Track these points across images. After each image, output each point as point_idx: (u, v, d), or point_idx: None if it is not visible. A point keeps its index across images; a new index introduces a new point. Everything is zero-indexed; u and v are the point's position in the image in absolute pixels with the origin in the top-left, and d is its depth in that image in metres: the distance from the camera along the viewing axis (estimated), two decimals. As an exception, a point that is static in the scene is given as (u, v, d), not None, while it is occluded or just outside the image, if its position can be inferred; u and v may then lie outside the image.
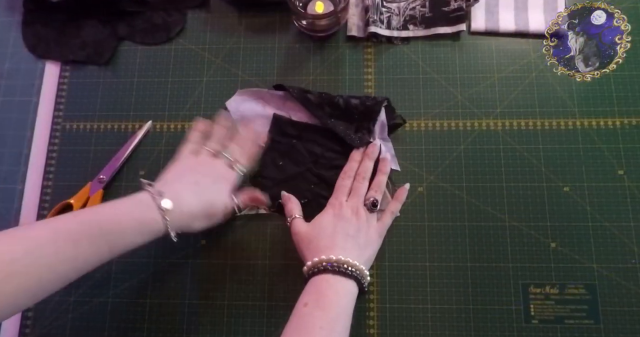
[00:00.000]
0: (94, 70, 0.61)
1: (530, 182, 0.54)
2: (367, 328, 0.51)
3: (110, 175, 0.56)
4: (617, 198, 0.53)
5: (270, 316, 0.52)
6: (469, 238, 0.53)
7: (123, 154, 0.56)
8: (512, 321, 0.50)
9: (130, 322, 0.53)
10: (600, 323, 0.50)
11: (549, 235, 0.52)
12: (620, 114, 0.55)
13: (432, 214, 0.54)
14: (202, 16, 0.62)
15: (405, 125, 0.56)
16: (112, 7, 0.61)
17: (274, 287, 0.53)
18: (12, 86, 0.61)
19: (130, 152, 0.57)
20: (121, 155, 0.56)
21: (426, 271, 0.52)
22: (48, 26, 0.62)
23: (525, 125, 0.56)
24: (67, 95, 0.60)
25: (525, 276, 0.51)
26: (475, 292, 0.51)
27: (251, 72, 0.60)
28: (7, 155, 0.59)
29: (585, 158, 0.54)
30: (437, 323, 0.51)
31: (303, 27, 0.59)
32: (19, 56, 0.62)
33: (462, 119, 0.56)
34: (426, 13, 0.59)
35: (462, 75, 0.58)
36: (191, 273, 0.54)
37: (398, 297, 0.52)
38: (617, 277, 0.51)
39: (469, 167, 0.55)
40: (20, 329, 0.53)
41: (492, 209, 0.53)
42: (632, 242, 0.52)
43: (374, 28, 0.57)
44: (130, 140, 0.57)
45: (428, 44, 0.59)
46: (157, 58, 0.61)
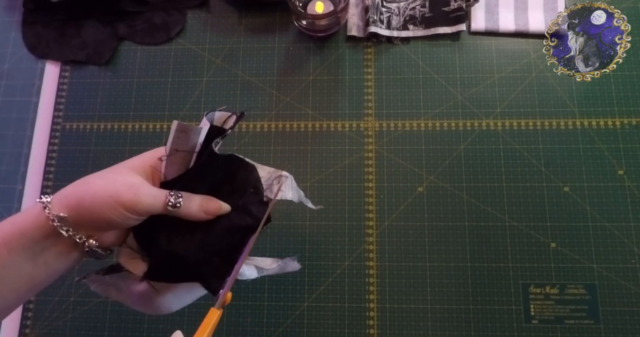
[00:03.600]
0: (94, 70, 0.61)
1: (530, 182, 0.54)
2: (367, 328, 0.51)
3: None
4: (617, 198, 0.53)
5: (270, 316, 0.52)
6: (469, 238, 0.53)
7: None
8: (512, 321, 0.50)
9: (130, 322, 0.53)
10: (600, 323, 0.50)
11: (549, 235, 0.52)
12: (620, 114, 0.55)
13: (432, 214, 0.54)
14: (202, 16, 0.62)
15: (405, 125, 0.56)
16: (112, 7, 0.61)
17: (274, 287, 0.53)
18: (12, 86, 0.61)
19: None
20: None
21: (426, 271, 0.52)
22: (48, 26, 0.62)
23: (525, 125, 0.56)
24: (67, 95, 0.60)
25: (525, 276, 0.51)
26: (475, 292, 0.51)
27: (251, 72, 0.60)
28: (7, 155, 0.59)
29: (585, 158, 0.54)
30: (437, 323, 0.51)
31: (303, 27, 0.59)
32: (19, 56, 0.62)
33: (462, 119, 0.56)
34: (426, 13, 0.59)
35: (462, 75, 0.58)
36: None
37: (398, 297, 0.52)
38: (617, 277, 0.51)
39: (469, 167, 0.55)
40: (20, 329, 0.53)
41: (492, 209, 0.53)
42: (632, 242, 0.52)
43: (374, 28, 0.57)
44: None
45: (428, 44, 0.59)
46: (157, 58, 0.61)
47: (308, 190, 0.55)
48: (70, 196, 0.32)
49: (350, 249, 0.53)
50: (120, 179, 0.32)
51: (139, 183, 0.32)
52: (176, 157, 0.34)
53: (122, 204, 0.31)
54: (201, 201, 0.34)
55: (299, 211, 0.55)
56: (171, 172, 0.34)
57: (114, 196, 0.31)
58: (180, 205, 0.33)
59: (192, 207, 0.34)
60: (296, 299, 0.52)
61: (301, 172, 0.56)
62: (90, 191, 0.32)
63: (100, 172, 0.33)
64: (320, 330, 0.51)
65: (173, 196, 0.33)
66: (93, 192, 0.31)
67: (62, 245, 0.32)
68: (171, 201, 0.32)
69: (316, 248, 0.54)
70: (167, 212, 0.33)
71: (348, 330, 0.51)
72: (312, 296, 0.52)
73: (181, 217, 0.34)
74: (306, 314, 0.52)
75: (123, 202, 0.31)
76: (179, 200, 0.33)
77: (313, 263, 0.53)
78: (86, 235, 0.32)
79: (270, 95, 0.59)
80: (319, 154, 0.56)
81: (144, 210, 0.32)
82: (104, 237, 0.33)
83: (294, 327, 0.51)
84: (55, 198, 0.32)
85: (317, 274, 0.53)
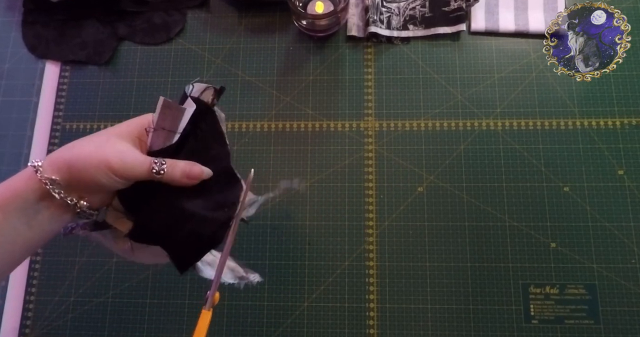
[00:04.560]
0: (94, 70, 0.61)
1: (530, 182, 0.54)
2: (367, 328, 0.51)
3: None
4: (617, 198, 0.53)
5: (270, 316, 0.52)
6: (469, 238, 0.53)
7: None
8: (512, 321, 0.50)
9: (130, 322, 0.53)
10: (600, 323, 0.50)
11: (549, 235, 0.52)
12: (620, 114, 0.55)
13: (432, 214, 0.54)
14: (202, 16, 0.62)
15: (405, 125, 0.56)
16: (112, 7, 0.61)
17: (274, 287, 0.53)
18: (12, 86, 0.61)
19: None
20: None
21: (426, 271, 0.52)
22: (48, 26, 0.62)
23: (525, 125, 0.56)
24: (67, 95, 0.60)
25: (525, 276, 0.51)
26: (475, 292, 0.51)
27: (251, 72, 0.60)
28: (7, 155, 0.59)
29: (585, 158, 0.54)
30: (437, 323, 0.51)
31: (303, 27, 0.59)
32: (19, 56, 0.62)
33: (462, 119, 0.56)
34: (426, 13, 0.59)
35: (462, 75, 0.58)
36: (191, 273, 0.54)
37: (398, 297, 0.52)
38: (617, 277, 0.51)
39: (469, 167, 0.55)
40: (20, 329, 0.53)
41: (492, 209, 0.53)
42: (632, 242, 0.52)
43: (374, 28, 0.57)
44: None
45: (428, 44, 0.59)
46: (157, 58, 0.61)
47: (308, 190, 0.55)
48: (60, 159, 0.33)
49: (350, 249, 0.53)
50: (109, 145, 0.34)
51: (126, 150, 0.34)
52: (162, 132, 0.36)
53: (110, 168, 0.33)
54: (184, 166, 0.36)
55: (299, 210, 0.55)
56: (157, 143, 0.36)
57: (103, 160, 0.33)
58: (164, 172, 0.34)
59: (175, 173, 0.35)
60: (296, 299, 0.52)
61: (301, 172, 0.56)
62: (81, 155, 0.33)
63: (88, 137, 0.35)
64: (320, 330, 0.51)
65: (157, 163, 0.34)
66: (83, 157, 0.33)
67: (55, 207, 0.33)
68: (155, 168, 0.34)
69: (316, 248, 0.54)
70: (152, 177, 0.34)
71: (348, 330, 0.51)
72: (312, 296, 0.52)
73: (166, 182, 0.35)
74: (306, 314, 0.52)
75: (111, 167, 0.33)
76: (162, 167, 0.34)
77: (313, 263, 0.53)
78: (77, 197, 0.34)
79: (270, 95, 0.59)
80: (319, 154, 0.56)
81: (131, 175, 0.34)
82: (92, 198, 0.35)
83: (294, 327, 0.51)
84: (45, 162, 0.33)
85: (317, 274, 0.53)
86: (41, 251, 0.55)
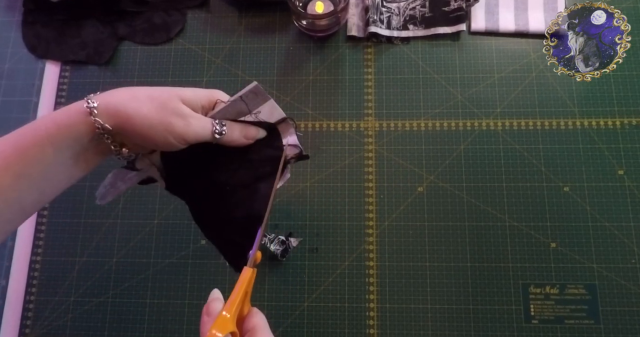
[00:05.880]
0: (94, 70, 0.61)
1: (530, 182, 0.54)
2: (367, 328, 0.51)
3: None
4: (617, 198, 0.53)
5: (270, 316, 0.52)
6: (469, 238, 0.53)
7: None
8: (512, 321, 0.50)
9: (130, 322, 0.53)
10: (600, 323, 0.50)
11: (549, 235, 0.52)
12: (620, 114, 0.55)
13: (432, 214, 0.54)
14: (202, 16, 0.62)
15: (405, 125, 0.56)
16: (112, 7, 0.61)
17: (274, 287, 0.53)
18: (12, 86, 0.61)
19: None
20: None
21: (426, 271, 0.52)
22: (48, 26, 0.62)
23: (525, 125, 0.56)
24: (67, 95, 0.60)
25: (525, 276, 0.51)
26: (475, 292, 0.51)
27: (251, 72, 0.60)
28: (7, 155, 0.59)
29: (585, 158, 0.54)
30: (437, 323, 0.51)
31: (303, 27, 0.59)
32: (19, 56, 0.62)
33: (462, 119, 0.56)
34: (426, 13, 0.59)
35: (462, 75, 0.58)
36: (191, 273, 0.54)
37: (398, 297, 0.52)
38: (617, 277, 0.51)
39: (469, 167, 0.55)
40: (20, 329, 0.53)
41: (492, 209, 0.53)
42: (632, 242, 0.52)
43: (374, 28, 0.57)
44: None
45: (428, 44, 0.59)
46: (157, 58, 0.61)
47: (308, 190, 0.55)
48: (119, 108, 0.33)
49: (350, 249, 0.53)
50: (171, 108, 0.34)
51: (189, 114, 0.35)
52: (232, 108, 0.37)
53: (172, 132, 0.33)
54: (241, 127, 0.38)
55: (299, 210, 0.55)
56: (218, 116, 0.37)
57: (166, 123, 0.33)
58: (225, 132, 0.36)
59: (234, 133, 0.37)
60: (296, 299, 0.52)
61: (301, 172, 0.56)
62: (141, 112, 0.33)
63: (145, 89, 0.35)
64: (320, 330, 0.51)
65: (218, 124, 0.36)
66: (144, 115, 0.33)
67: (103, 146, 0.34)
68: (217, 129, 0.36)
69: (316, 248, 0.54)
70: (213, 140, 0.36)
71: (348, 330, 0.51)
72: (312, 296, 0.52)
73: (225, 144, 0.37)
74: (306, 314, 0.52)
75: (174, 131, 0.33)
76: (223, 128, 0.36)
77: (313, 263, 0.53)
78: (120, 144, 0.35)
79: (270, 95, 0.59)
80: (318, 154, 0.56)
81: (193, 138, 0.35)
82: (135, 148, 0.36)
83: (294, 327, 0.51)
84: (101, 106, 0.33)
85: (317, 274, 0.53)
86: (41, 250, 0.55)
